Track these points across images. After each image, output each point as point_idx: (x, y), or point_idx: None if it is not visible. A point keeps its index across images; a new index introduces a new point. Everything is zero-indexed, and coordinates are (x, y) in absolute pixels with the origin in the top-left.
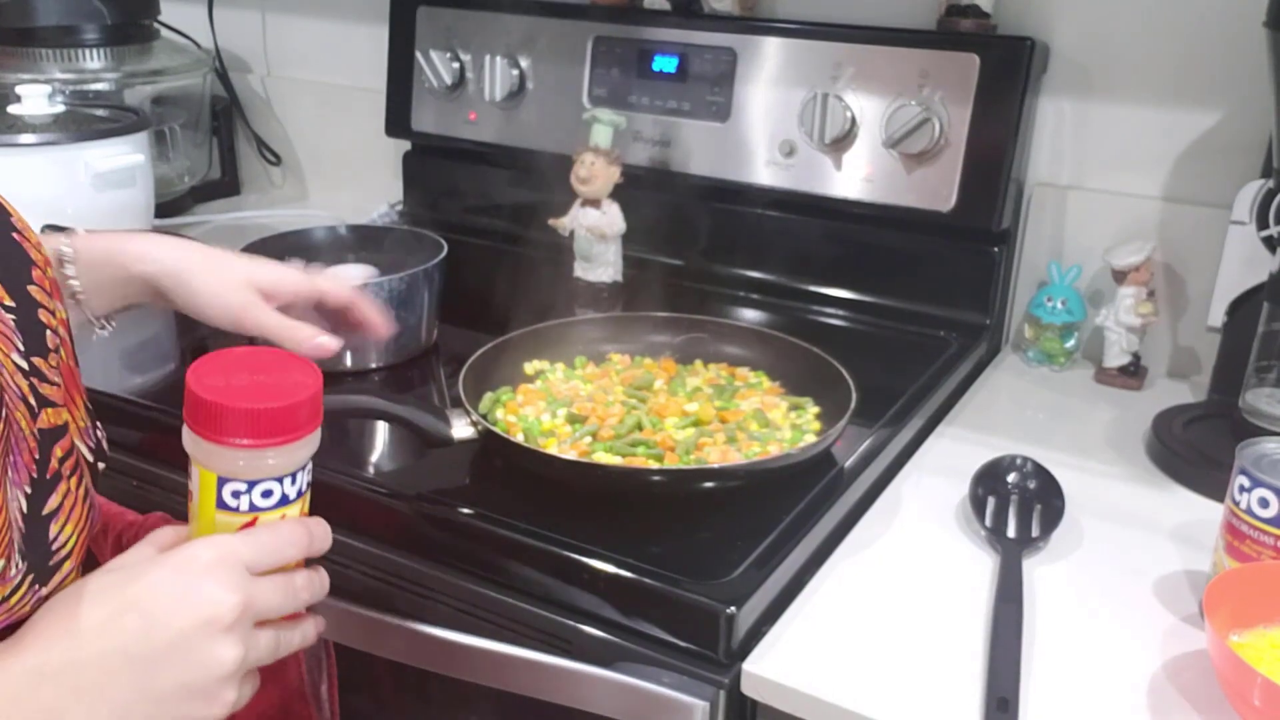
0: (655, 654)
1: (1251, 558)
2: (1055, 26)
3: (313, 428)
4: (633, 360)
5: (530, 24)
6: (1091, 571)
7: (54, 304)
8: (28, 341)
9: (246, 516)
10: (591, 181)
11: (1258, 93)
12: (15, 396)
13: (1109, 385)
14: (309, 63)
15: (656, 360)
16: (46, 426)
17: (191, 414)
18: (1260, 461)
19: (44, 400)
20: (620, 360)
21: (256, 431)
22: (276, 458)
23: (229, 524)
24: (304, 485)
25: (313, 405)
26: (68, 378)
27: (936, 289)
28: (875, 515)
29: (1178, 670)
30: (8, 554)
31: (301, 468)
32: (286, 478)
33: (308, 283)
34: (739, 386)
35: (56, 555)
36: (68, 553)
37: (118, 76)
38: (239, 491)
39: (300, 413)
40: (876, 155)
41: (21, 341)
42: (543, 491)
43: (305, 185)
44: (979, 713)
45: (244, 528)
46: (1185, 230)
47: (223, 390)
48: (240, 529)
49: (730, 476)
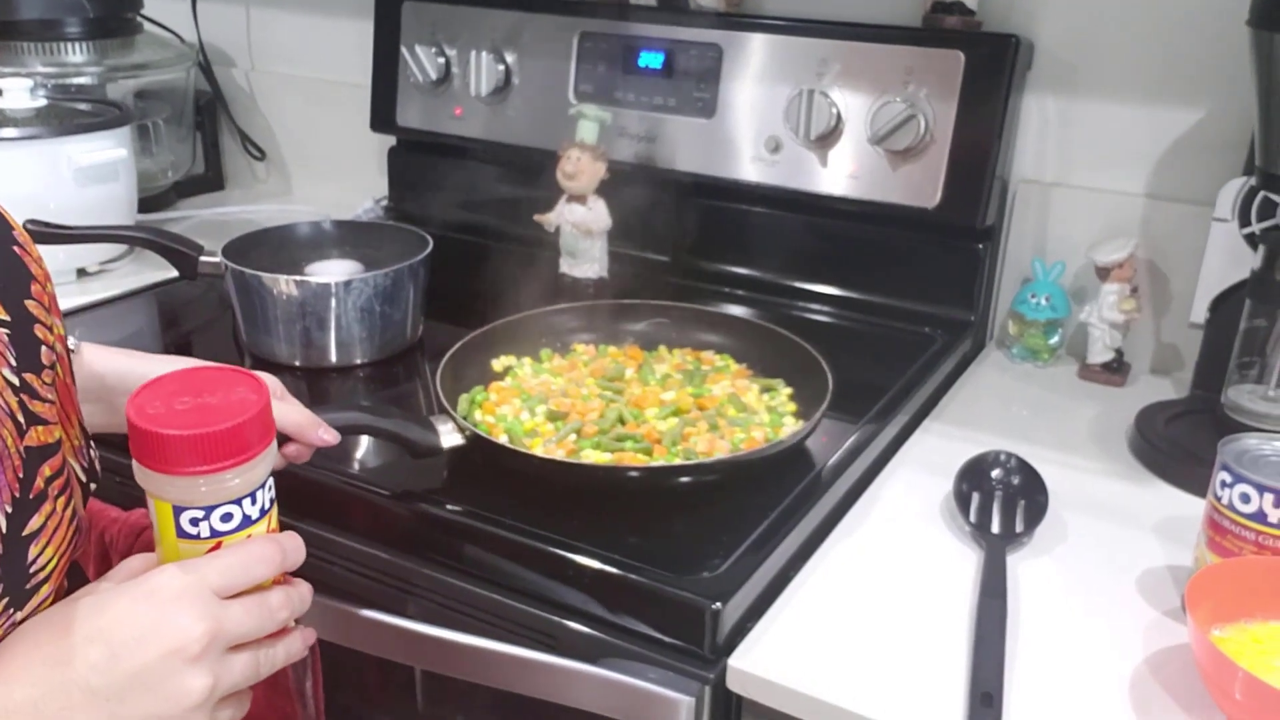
0: (640, 650)
1: (1233, 553)
2: (1040, 24)
3: (263, 446)
4: (598, 350)
5: (516, 19)
6: (1075, 567)
7: (51, 320)
8: (21, 357)
9: (209, 542)
10: (577, 177)
11: (1240, 91)
12: (2, 413)
13: (1092, 381)
14: (293, 57)
15: (621, 348)
16: (35, 444)
17: (137, 447)
18: (1242, 457)
19: (34, 417)
20: (585, 350)
21: (203, 457)
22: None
23: (194, 552)
24: (266, 503)
25: (260, 423)
26: (63, 395)
27: (921, 285)
28: (860, 511)
29: (1160, 664)
30: None
31: (260, 486)
32: (245, 498)
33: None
34: (707, 371)
35: (34, 578)
36: (46, 575)
37: (100, 70)
38: (197, 519)
39: (247, 432)
40: (862, 152)
41: (14, 357)
42: (527, 488)
43: (290, 180)
44: (963, 707)
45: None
46: (1168, 227)
47: (164, 418)
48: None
49: (720, 469)
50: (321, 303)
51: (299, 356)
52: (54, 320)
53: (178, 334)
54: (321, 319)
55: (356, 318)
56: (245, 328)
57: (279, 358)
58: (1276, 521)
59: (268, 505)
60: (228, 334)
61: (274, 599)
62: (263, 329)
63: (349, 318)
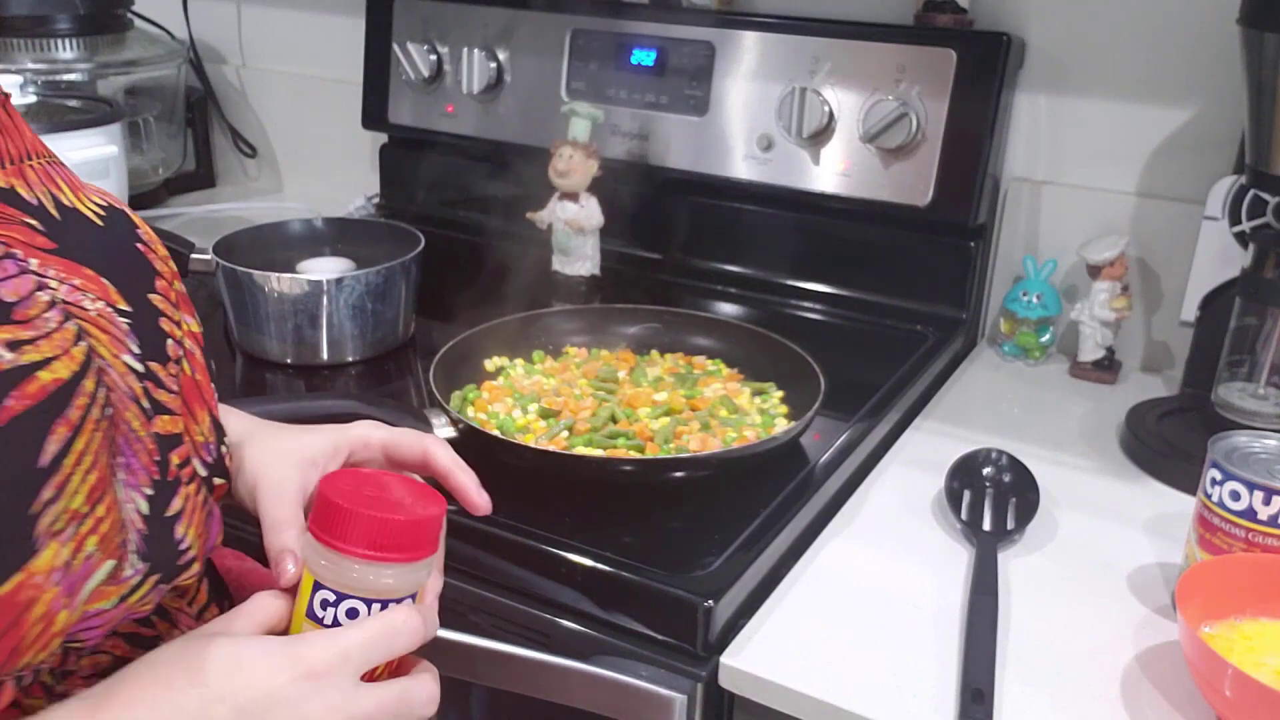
0: (633, 647)
1: (1223, 550)
2: (1031, 22)
3: (425, 554)
4: (590, 353)
5: (508, 16)
6: (1066, 564)
7: (180, 315)
8: (145, 346)
9: None
10: (570, 175)
11: (1231, 89)
12: (126, 396)
13: (1084, 379)
14: (285, 54)
15: (613, 352)
16: (163, 432)
17: (315, 513)
18: (1232, 455)
19: (160, 406)
20: (577, 353)
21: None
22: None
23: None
24: None
25: (431, 530)
26: (189, 389)
27: (913, 283)
28: (852, 508)
29: (1150, 661)
30: (120, 555)
31: (396, 600)
32: (378, 603)
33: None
34: (699, 375)
35: (185, 555)
36: (194, 555)
37: (91, 67)
38: (327, 602)
39: (418, 532)
40: (854, 150)
41: (137, 345)
42: (520, 483)
43: (281, 178)
44: (954, 704)
45: None
46: (1159, 225)
47: (348, 495)
48: None
49: (713, 465)
50: (313, 300)
51: (290, 354)
52: (182, 316)
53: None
54: (313, 316)
55: (348, 315)
56: (237, 325)
57: (270, 355)
58: (1266, 519)
59: None
60: (219, 332)
61: (417, 692)
62: (254, 326)
63: (341, 315)
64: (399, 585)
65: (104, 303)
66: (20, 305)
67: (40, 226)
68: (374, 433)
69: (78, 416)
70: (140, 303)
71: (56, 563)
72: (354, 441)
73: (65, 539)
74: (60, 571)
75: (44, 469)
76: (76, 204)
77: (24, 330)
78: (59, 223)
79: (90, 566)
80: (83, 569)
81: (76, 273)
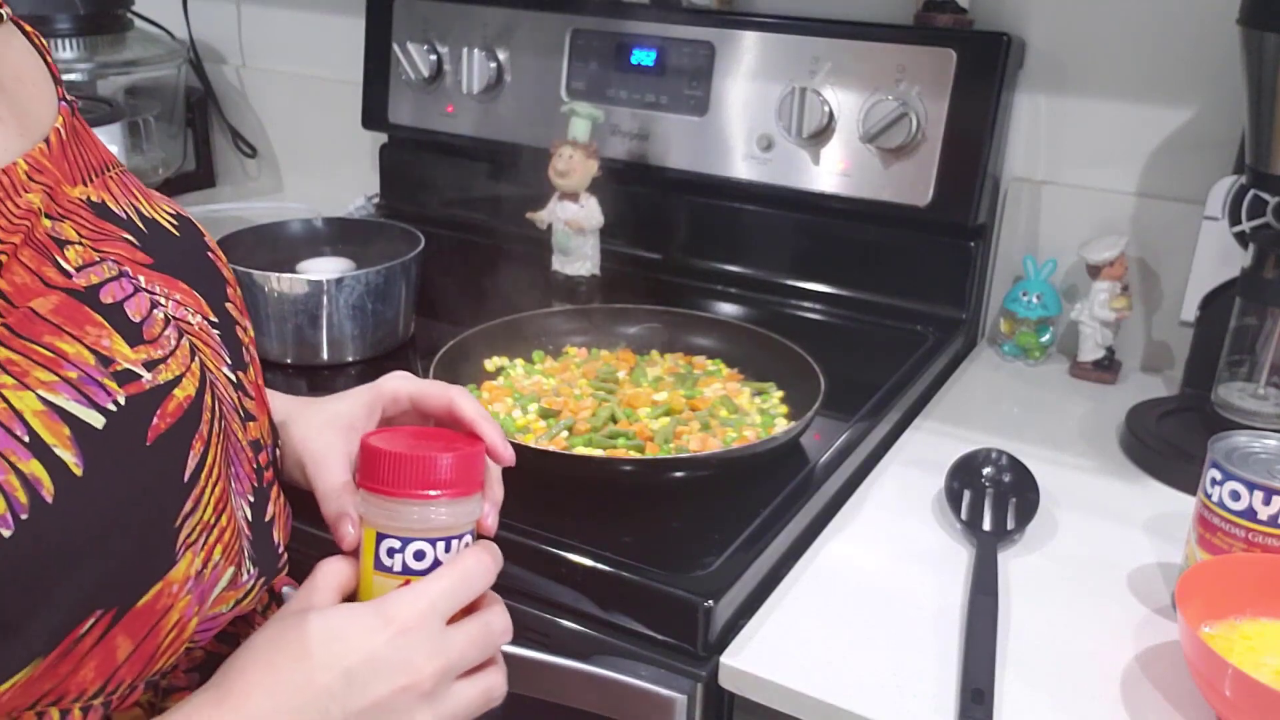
0: (633, 647)
1: (1223, 550)
2: (1031, 22)
3: (473, 489)
4: (590, 353)
5: (508, 16)
6: (1066, 564)
7: (245, 322)
8: (232, 355)
9: (400, 579)
10: (569, 175)
11: (1230, 89)
12: (230, 408)
13: (1083, 379)
14: (285, 54)
15: (613, 352)
16: (254, 439)
17: (361, 468)
18: (1232, 455)
19: (248, 413)
20: (577, 353)
21: (419, 480)
22: (439, 510)
23: (386, 586)
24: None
25: (474, 464)
26: (259, 394)
27: (913, 283)
28: (852, 508)
29: (1150, 661)
30: (238, 560)
31: (459, 536)
32: (441, 541)
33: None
34: (699, 375)
35: (281, 557)
36: (285, 553)
37: (91, 67)
38: (393, 549)
39: (463, 466)
40: (854, 150)
41: (228, 355)
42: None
43: (281, 178)
44: (954, 704)
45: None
46: (1159, 225)
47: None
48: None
49: (713, 465)
50: (313, 300)
51: (291, 354)
52: (246, 323)
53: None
54: (313, 316)
55: (348, 315)
56: None
57: (271, 355)
58: (1266, 519)
59: None
60: None
61: (496, 624)
62: (254, 326)
63: (341, 315)
64: (456, 521)
65: (200, 316)
66: (146, 324)
67: (135, 241)
68: (403, 385)
69: (207, 431)
70: (221, 312)
71: (190, 572)
72: (385, 397)
73: (198, 549)
74: (193, 580)
75: (186, 484)
76: (154, 214)
77: (155, 350)
78: (147, 236)
79: (217, 575)
80: (211, 577)
81: (175, 288)
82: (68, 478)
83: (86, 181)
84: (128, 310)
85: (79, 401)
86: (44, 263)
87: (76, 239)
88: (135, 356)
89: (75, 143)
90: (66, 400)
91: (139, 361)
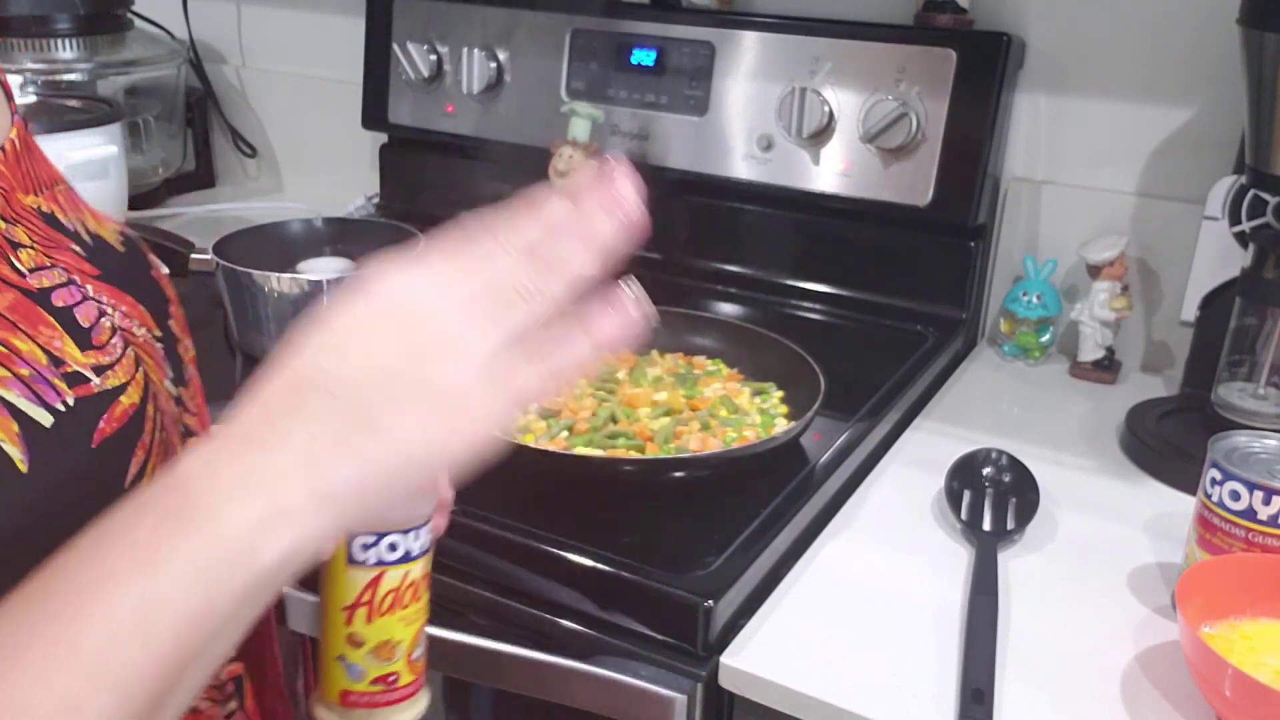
0: (633, 647)
1: (1223, 550)
2: (1031, 22)
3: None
4: None
5: (508, 16)
6: (1065, 564)
7: (187, 341)
8: (174, 371)
9: (373, 571)
10: (569, 175)
11: (1230, 89)
12: (171, 421)
13: (1083, 379)
14: (285, 54)
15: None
16: None
17: None
18: (1232, 455)
19: (189, 429)
20: None
21: None
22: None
23: (358, 579)
24: (426, 544)
25: None
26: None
27: (913, 283)
28: (852, 508)
29: (1150, 661)
30: None
31: (423, 525)
32: (411, 532)
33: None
34: (699, 375)
35: None
36: None
37: (91, 67)
38: (367, 544)
39: None
40: (854, 150)
41: (170, 369)
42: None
43: (281, 178)
44: (954, 704)
45: (369, 585)
46: (1159, 225)
47: None
48: (365, 586)
49: (713, 465)
50: (313, 300)
51: None
52: (188, 342)
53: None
54: None
55: None
56: (237, 325)
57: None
58: (1266, 519)
59: (427, 546)
60: (219, 331)
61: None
62: (254, 326)
63: None
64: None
65: (145, 329)
66: (94, 331)
67: (83, 253)
68: None
69: (149, 440)
70: (165, 329)
71: None
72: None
73: None
74: None
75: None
76: (100, 231)
77: (103, 356)
78: (94, 249)
79: None
80: None
81: (121, 299)
82: (13, 473)
83: (37, 193)
84: (77, 315)
85: (29, 399)
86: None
87: (29, 243)
88: (85, 360)
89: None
90: (17, 396)
91: (88, 365)
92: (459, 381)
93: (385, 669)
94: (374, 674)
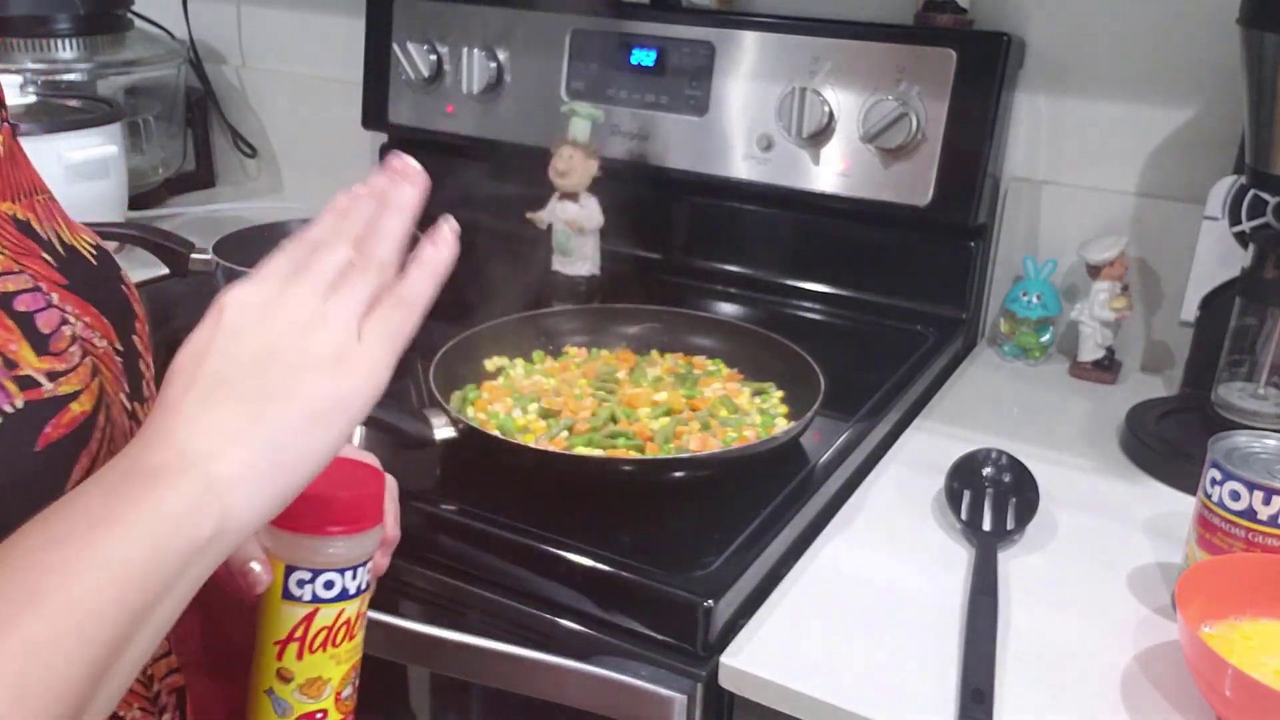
0: (633, 647)
1: (1223, 550)
2: (1031, 22)
3: (372, 524)
4: (590, 353)
5: (508, 16)
6: (1065, 564)
7: (149, 358)
8: (132, 385)
9: (308, 607)
10: (569, 175)
11: (1231, 89)
12: (122, 434)
13: (1083, 379)
14: (285, 54)
15: (613, 352)
16: None
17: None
18: (1232, 455)
19: None
20: (577, 353)
21: (330, 520)
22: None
23: (292, 614)
24: (364, 584)
25: (373, 503)
26: None
27: (913, 283)
28: (852, 508)
29: (1150, 661)
30: None
31: (362, 564)
32: (348, 571)
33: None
34: (699, 375)
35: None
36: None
37: (91, 67)
38: (304, 580)
39: (361, 506)
40: (854, 150)
41: (128, 384)
42: (520, 483)
43: (281, 178)
44: (954, 704)
45: (303, 620)
46: (1159, 225)
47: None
48: (299, 621)
49: (713, 465)
50: None
51: None
52: (150, 358)
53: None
54: None
55: None
56: None
57: None
58: (1266, 519)
59: (364, 586)
60: None
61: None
62: None
63: None
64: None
65: (107, 342)
66: (54, 338)
67: (53, 262)
68: None
69: (96, 449)
70: (128, 343)
71: None
72: None
73: None
74: None
75: None
76: (75, 242)
77: (59, 363)
78: (65, 259)
79: None
80: None
81: (86, 311)
82: None
83: (15, 200)
84: (38, 321)
85: None
86: None
87: None
88: (40, 365)
89: (10, 163)
90: None
91: (42, 370)
92: (336, 342)
93: (312, 706)
94: (300, 710)
